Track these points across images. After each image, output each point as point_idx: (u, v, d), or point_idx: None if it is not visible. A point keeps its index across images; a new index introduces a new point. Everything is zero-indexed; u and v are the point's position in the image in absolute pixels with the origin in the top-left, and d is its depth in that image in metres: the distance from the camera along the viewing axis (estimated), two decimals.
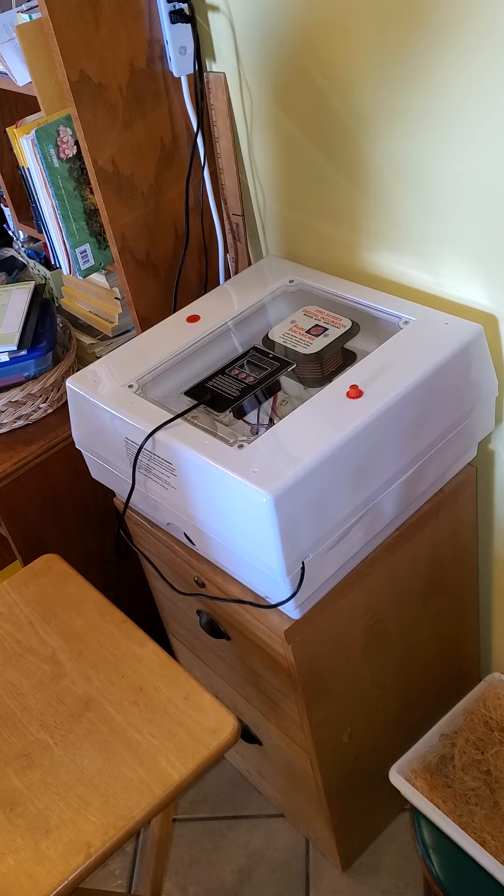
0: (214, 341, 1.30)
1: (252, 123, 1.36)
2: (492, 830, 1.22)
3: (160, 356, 1.26)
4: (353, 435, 1.04)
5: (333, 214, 1.33)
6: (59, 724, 1.20)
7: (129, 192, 1.36)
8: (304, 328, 1.25)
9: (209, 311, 1.34)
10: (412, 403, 1.10)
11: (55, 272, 1.72)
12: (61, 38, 1.18)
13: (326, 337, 1.22)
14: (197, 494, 1.11)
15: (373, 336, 1.25)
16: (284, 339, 1.24)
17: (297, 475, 1.00)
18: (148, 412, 1.15)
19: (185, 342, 1.28)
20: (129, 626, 1.30)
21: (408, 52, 1.06)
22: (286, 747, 1.38)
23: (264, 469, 1.02)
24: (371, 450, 1.07)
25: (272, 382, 1.20)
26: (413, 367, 1.11)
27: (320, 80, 1.20)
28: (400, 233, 1.24)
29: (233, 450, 1.06)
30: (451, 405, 1.16)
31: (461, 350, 1.14)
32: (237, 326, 1.32)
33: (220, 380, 1.22)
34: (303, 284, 1.36)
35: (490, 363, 1.20)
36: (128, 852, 1.70)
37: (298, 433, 1.06)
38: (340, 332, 1.23)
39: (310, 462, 1.01)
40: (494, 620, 1.54)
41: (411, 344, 1.16)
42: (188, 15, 1.27)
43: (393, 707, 1.44)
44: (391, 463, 1.11)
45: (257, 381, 1.20)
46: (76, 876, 1.05)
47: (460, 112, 1.05)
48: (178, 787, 1.11)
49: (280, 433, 1.07)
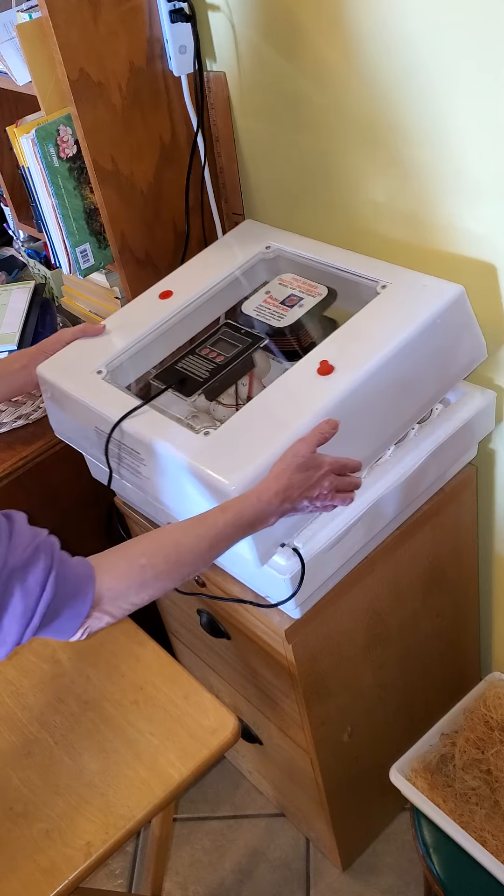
0: (189, 317, 1.24)
1: (252, 122, 1.36)
2: (492, 830, 1.22)
3: (131, 338, 1.21)
4: (322, 415, 1.00)
5: (333, 215, 1.32)
6: (59, 724, 1.20)
7: (129, 191, 1.36)
8: (278, 299, 1.18)
9: (182, 285, 1.27)
10: (388, 375, 1.04)
11: (55, 271, 1.72)
12: (61, 37, 1.18)
13: (301, 307, 1.16)
14: (166, 483, 1.08)
15: (354, 301, 1.18)
16: (258, 311, 1.18)
17: (259, 465, 0.98)
18: (115, 399, 1.11)
19: (157, 321, 1.22)
20: (129, 625, 1.30)
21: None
22: (286, 747, 1.38)
23: (228, 458, 0.99)
24: (344, 427, 1.01)
25: (244, 360, 1.14)
26: (388, 336, 1.04)
27: (319, 78, 1.20)
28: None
29: (198, 437, 1.03)
30: (433, 372, 1.10)
31: (440, 313, 1.07)
32: (212, 300, 1.25)
33: (190, 360, 1.16)
34: (280, 251, 1.28)
35: (474, 325, 1.12)
36: (128, 852, 1.70)
37: (266, 416, 1.03)
38: (316, 301, 1.16)
39: (275, 449, 0.98)
40: (494, 620, 1.54)
41: (387, 310, 1.09)
42: (188, 14, 1.27)
43: (393, 706, 1.44)
44: (369, 439, 1.08)
45: (227, 361, 1.14)
46: (76, 875, 1.05)
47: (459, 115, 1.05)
48: (178, 786, 1.11)
49: (248, 417, 1.04)
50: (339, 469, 0.99)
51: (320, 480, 0.96)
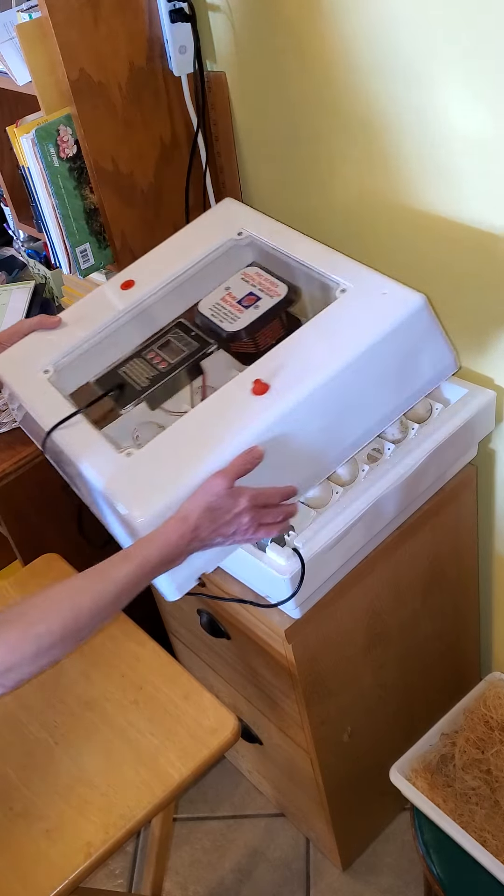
0: (149, 310, 1.14)
1: (252, 122, 1.36)
2: (492, 830, 1.22)
3: (84, 333, 1.12)
4: (250, 440, 0.92)
5: (333, 215, 1.32)
6: (59, 724, 1.20)
7: (129, 191, 1.36)
8: (236, 297, 1.09)
9: (146, 274, 1.17)
10: (332, 395, 0.95)
11: (55, 271, 1.72)
12: (61, 37, 1.18)
13: (257, 309, 1.06)
14: (96, 498, 1.03)
15: (319, 301, 1.10)
16: (213, 311, 1.09)
17: (171, 498, 0.90)
18: (52, 405, 1.05)
19: (114, 314, 1.13)
20: (129, 625, 1.30)
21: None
22: (286, 747, 1.38)
23: (142, 486, 0.93)
24: (278, 453, 0.93)
25: (190, 368, 1.06)
26: (334, 351, 0.94)
27: (320, 78, 1.19)
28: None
29: (120, 458, 0.96)
30: (387, 389, 1.00)
31: (395, 329, 0.95)
32: (173, 292, 1.15)
33: (134, 364, 1.08)
34: (252, 238, 1.17)
35: (438, 337, 1.01)
36: (128, 852, 1.70)
37: (191, 439, 0.94)
38: (273, 302, 1.07)
39: (190, 481, 0.91)
40: (494, 620, 1.54)
41: (340, 320, 0.98)
42: (188, 14, 1.27)
43: (393, 706, 1.44)
44: (309, 463, 0.99)
45: (170, 368, 1.06)
46: (76, 875, 1.05)
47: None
48: (178, 786, 1.11)
49: (174, 438, 0.96)
50: (264, 501, 0.92)
51: (237, 518, 0.90)
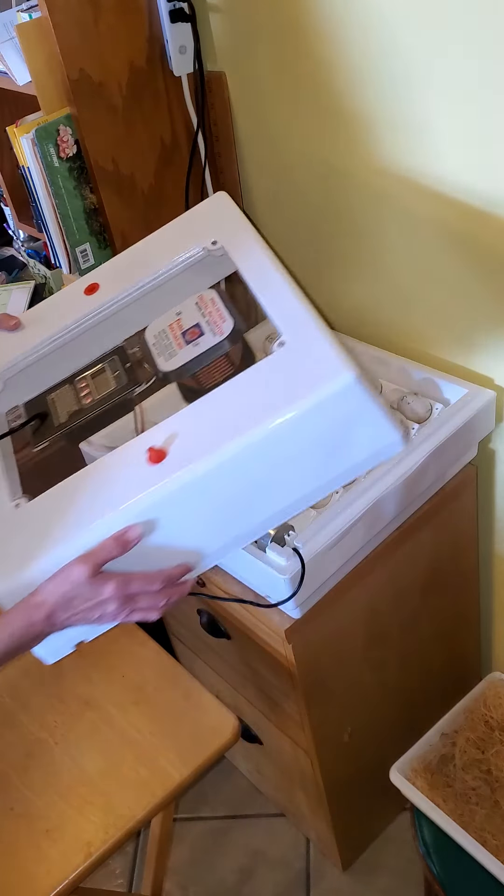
0: (108, 321, 1.04)
1: (252, 122, 1.36)
2: (492, 830, 1.22)
3: (36, 341, 1.03)
4: (131, 517, 0.83)
5: (333, 214, 1.32)
6: (59, 724, 1.20)
7: (129, 192, 1.36)
8: (184, 326, 0.98)
9: (112, 278, 1.07)
10: (237, 471, 0.83)
11: (55, 272, 1.72)
12: (61, 36, 1.18)
13: (196, 347, 0.95)
14: None
15: (261, 347, 1.01)
16: (156, 340, 0.99)
17: (28, 575, 0.84)
18: None
19: (71, 322, 1.03)
20: (129, 625, 1.30)
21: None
22: (286, 747, 1.38)
23: (12, 548, 0.86)
24: (168, 532, 0.85)
25: (117, 405, 0.97)
26: (246, 422, 0.82)
27: (320, 78, 1.20)
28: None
29: (8, 508, 0.89)
30: (307, 469, 0.88)
31: (319, 404, 0.80)
32: (133, 304, 1.05)
33: (63, 393, 0.99)
34: (225, 252, 1.02)
35: (378, 414, 0.84)
36: (128, 852, 1.70)
37: (74, 502, 0.86)
38: (214, 342, 0.95)
39: (49, 561, 0.83)
40: (495, 620, 1.54)
41: (267, 383, 0.84)
42: (188, 14, 1.27)
43: (393, 706, 1.44)
44: (206, 541, 0.90)
45: (94, 404, 0.97)
46: (76, 875, 1.05)
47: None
48: (178, 786, 1.11)
49: (63, 494, 0.88)
50: (138, 589, 0.84)
51: (100, 606, 0.83)
